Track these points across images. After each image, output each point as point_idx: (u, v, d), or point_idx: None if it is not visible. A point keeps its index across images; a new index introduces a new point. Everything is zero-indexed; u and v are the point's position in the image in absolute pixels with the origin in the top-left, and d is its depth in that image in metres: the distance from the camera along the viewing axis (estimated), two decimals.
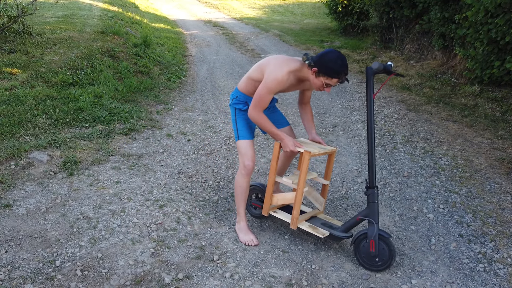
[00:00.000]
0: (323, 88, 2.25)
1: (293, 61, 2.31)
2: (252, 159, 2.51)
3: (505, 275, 2.33)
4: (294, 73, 2.30)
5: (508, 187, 3.28)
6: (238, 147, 2.55)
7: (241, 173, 2.54)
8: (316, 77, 2.23)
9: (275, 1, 18.75)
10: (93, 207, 2.81)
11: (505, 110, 4.90)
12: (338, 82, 2.22)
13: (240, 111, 2.57)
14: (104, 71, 5.49)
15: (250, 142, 2.54)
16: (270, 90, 2.28)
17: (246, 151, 2.51)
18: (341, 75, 2.18)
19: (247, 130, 2.56)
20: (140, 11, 12.24)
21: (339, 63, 2.16)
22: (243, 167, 2.51)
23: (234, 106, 2.58)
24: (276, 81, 2.26)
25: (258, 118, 2.34)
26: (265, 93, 2.29)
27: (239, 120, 2.57)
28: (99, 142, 3.80)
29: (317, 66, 2.18)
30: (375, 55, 7.98)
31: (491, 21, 4.90)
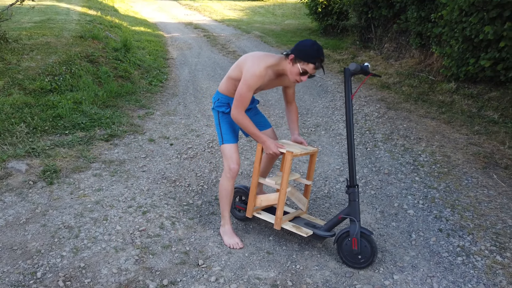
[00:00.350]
0: (300, 77, 2.25)
1: (270, 56, 2.34)
2: (237, 162, 2.52)
3: (482, 267, 2.40)
4: (272, 68, 2.32)
5: (485, 181, 3.38)
6: (223, 151, 2.55)
7: (226, 176, 2.54)
8: (293, 65, 2.23)
9: (255, 2, 18.80)
10: (75, 215, 2.77)
11: (480, 106, 5.04)
12: (314, 69, 2.23)
13: (223, 114, 2.57)
14: (83, 76, 5.42)
15: (235, 146, 2.55)
16: (249, 86, 2.29)
17: (231, 155, 2.51)
18: (317, 60, 2.19)
19: (231, 134, 2.56)
20: (119, 15, 12.11)
21: (315, 48, 2.18)
22: (228, 170, 2.51)
23: (217, 109, 2.57)
24: (255, 77, 2.27)
25: (240, 118, 2.34)
26: (245, 91, 2.29)
27: (222, 124, 2.56)
28: (79, 149, 3.75)
29: (294, 53, 2.21)
30: (355, 55, 8.09)
31: (465, 19, 5.04)
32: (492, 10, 4.64)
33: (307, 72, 2.23)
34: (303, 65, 2.21)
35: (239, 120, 2.34)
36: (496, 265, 2.40)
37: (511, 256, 2.48)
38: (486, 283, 2.26)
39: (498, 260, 2.45)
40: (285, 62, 2.28)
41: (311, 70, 2.22)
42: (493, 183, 3.35)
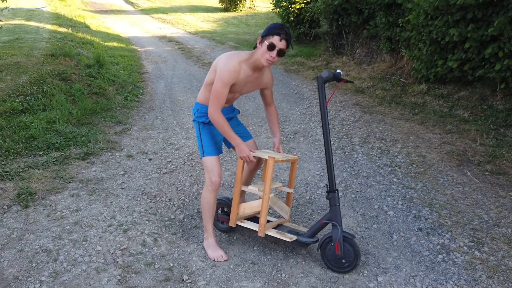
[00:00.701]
0: (269, 54, 2.23)
1: (243, 52, 2.37)
2: (219, 174, 2.50)
3: (462, 263, 2.46)
4: (246, 62, 2.34)
5: (459, 178, 3.48)
6: (204, 163, 2.52)
7: (208, 189, 2.52)
8: (261, 46, 2.26)
9: (228, 14, 18.94)
10: (53, 238, 2.69)
11: (451, 106, 5.21)
12: (280, 40, 2.21)
13: (204, 125, 2.54)
14: (56, 95, 5.30)
15: (216, 158, 2.52)
16: (224, 82, 2.28)
17: (213, 167, 2.49)
18: (280, 30, 2.21)
19: (213, 146, 2.54)
20: (91, 31, 11.96)
21: (278, 24, 2.25)
22: (210, 183, 2.49)
23: (198, 120, 2.55)
24: (229, 72, 2.27)
25: (216, 117, 2.31)
26: (220, 86, 2.28)
27: (203, 135, 2.54)
28: (55, 170, 3.66)
29: (262, 35, 2.27)
30: (328, 61, 8.24)
31: (431, 23, 5.22)
32: (455, 13, 4.83)
33: (274, 46, 2.22)
34: (268, 40, 2.23)
35: (215, 118, 2.32)
36: (475, 261, 2.47)
37: (489, 250, 2.55)
38: (467, 278, 2.32)
39: (477, 255, 2.52)
40: (257, 50, 2.31)
41: (277, 42, 2.22)
42: (467, 180, 3.45)
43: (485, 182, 3.41)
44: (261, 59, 2.28)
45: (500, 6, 4.51)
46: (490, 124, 4.58)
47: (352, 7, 7.45)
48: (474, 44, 4.75)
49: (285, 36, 2.23)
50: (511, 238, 2.66)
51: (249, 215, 2.73)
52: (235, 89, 2.40)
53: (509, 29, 4.38)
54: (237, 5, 19.19)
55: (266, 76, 2.53)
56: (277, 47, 2.23)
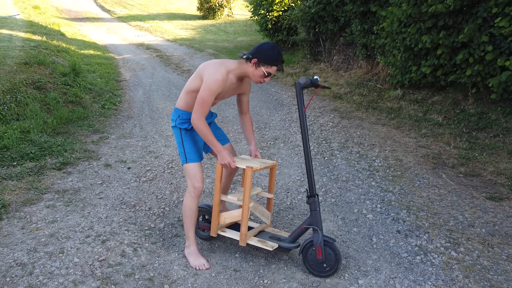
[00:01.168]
0: (263, 79, 2.34)
1: (229, 61, 2.39)
2: (202, 180, 2.50)
3: (439, 263, 2.52)
4: (233, 72, 2.36)
5: (435, 181, 3.57)
6: (186, 170, 2.50)
7: (190, 196, 2.50)
8: (256, 68, 2.31)
9: (207, 21, 18.96)
10: (27, 251, 2.61)
11: (426, 110, 5.36)
12: (276, 71, 2.34)
13: (186, 132, 2.52)
14: (30, 104, 5.17)
15: (199, 165, 2.52)
16: (211, 91, 2.29)
17: (195, 173, 2.48)
18: (279, 61, 2.30)
19: (195, 152, 2.52)
20: (66, 39, 11.74)
21: (276, 51, 2.30)
22: (193, 189, 2.48)
23: (179, 126, 2.52)
24: (217, 82, 2.29)
25: (200, 124, 2.32)
26: (207, 95, 2.29)
27: (186, 142, 2.51)
28: (29, 181, 3.56)
29: (256, 57, 2.28)
30: (306, 68, 8.35)
31: (405, 30, 5.38)
32: (427, 21, 4.99)
33: (270, 74, 2.33)
34: (266, 68, 2.30)
35: (199, 126, 2.33)
36: (452, 261, 2.53)
37: (465, 250, 2.62)
38: (444, 278, 2.38)
39: (453, 255, 2.58)
40: (246, 65, 2.34)
41: (274, 71, 2.33)
42: (442, 182, 3.55)
43: (459, 184, 3.51)
44: (253, 78, 2.36)
45: (469, 14, 4.70)
46: (463, 128, 4.73)
47: (328, 15, 7.59)
48: (446, 51, 4.92)
49: (282, 66, 2.34)
50: (486, 238, 2.74)
51: (230, 223, 2.72)
52: (218, 96, 2.41)
53: (478, 36, 4.56)
54: (216, 13, 19.25)
55: (245, 82, 2.55)
56: (272, 74, 2.35)
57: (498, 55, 4.46)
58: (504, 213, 3.04)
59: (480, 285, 2.30)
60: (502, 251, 2.60)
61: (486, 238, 2.75)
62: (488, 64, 4.59)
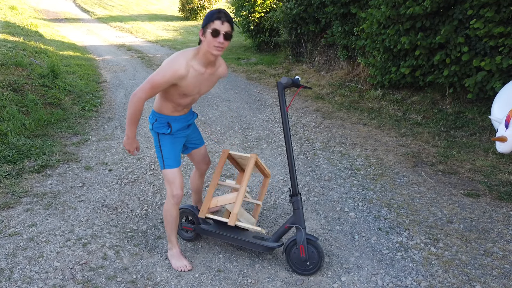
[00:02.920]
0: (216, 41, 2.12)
1: (187, 50, 2.23)
2: (181, 187, 2.43)
3: (420, 259, 2.57)
4: (196, 58, 2.21)
5: (415, 179, 3.65)
6: (165, 176, 2.43)
7: (169, 203, 2.44)
8: (205, 37, 2.13)
9: (189, 22, 18.87)
10: (5, 256, 2.54)
11: (405, 110, 5.47)
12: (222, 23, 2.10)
13: (164, 136, 2.43)
14: (7, 106, 5.04)
15: (178, 170, 2.44)
16: (164, 76, 2.14)
17: (174, 180, 2.41)
18: (218, 14, 2.10)
19: (174, 158, 2.44)
20: (45, 39, 11.48)
21: (214, 10, 2.13)
22: (171, 197, 2.42)
23: (156, 130, 2.42)
24: (172, 69, 2.13)
25: (134, 101, 2.18)
26: (158, 77, 2.14)
27: (164, 146, 2.43)
28: (7, 184, 3.47)
29: (202, 27, 2.16)
30: (289, 69, 8.41)
31: (384, 31, 5.48)
32: (406, 22, 5.10)
33: (218, 30, 2.10)
34: (209, 28, 2.11)
35: (132, 101, 2.18)
36: (431, 256, 2.59)
37: (444, 246, 2.69)
38: (424, 274, 2.43)
39: (433, 251, 2.64)
40: (201, 44, 2.19)
41: (219, 26, 2.10)
42: (422, 180, 3.63)
43: (438, 181, 3.60)
44: (210, 49, 2.15)
45: (446, 15, 4.82)
46: (441, 127, 4.84)
47: (309, 17, 7.67)
48: (424, 52, 5.04)
49: (226, 17, 2.12)
50: (464, 234, 2.82)
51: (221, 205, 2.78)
52: (192, 91, 2.29)
53: (454, 37, 4.68)
54: (197, 14, 19.18)
55: (221, 69, 2.42)
56: (221, 31, 2.11)
57: (473, 55, 4.59)
58: (481, 209, 3.13)
59: (458, 280, 2.36)
60: (480, 246, 2.67)
61: (464, 233, 2.82)
62: (464, 64, 4.72)
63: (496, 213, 3.06)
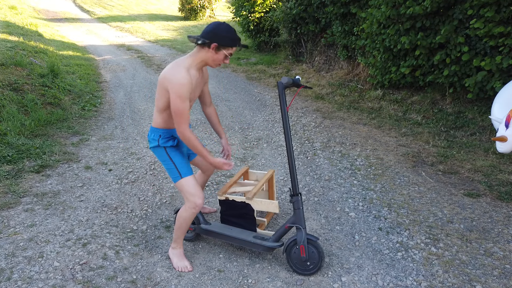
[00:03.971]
0: (224, 61, 2.25)
1: (181, 59, 2.24)
2: (202, 196, 2.40)
3: (420, 259, 2.57)
4: (194, 67, 2.24)
5: (415, 178, 3.65)
6: (183, 186, 2.38)
7: (190, 211, 2.39)
8: (216, 53, 2.19)
9: (189, 22, 18.86)
10: (5, 256, 2.54)
11: (405, 110, 5.47)
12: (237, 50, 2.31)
13: (172, 148, 2.42)
14: (6, 106, 5.04)
15: (194, 178, 2.42)
16: (183, 97, 2.15)
17: (195, 190, 2.36)
18: (239, 41, 2.22)
19: (188, 166, 2.42)
20: (44, 39, 11.48)
21: (233, 31, 2.20)
22: (194, 206, 2.37)
23: (164, 145, 2.40)
24: (183, 86, 2.14)
25: (188, 136, 2.21)
26: (181, 103, 2.16)
27: (175, 158, 2.41)
28: (6, 184, 3.46)
29: (216, 41, 2.16)
30: (289, 69, 8.40)
31: (384, 31, 5.47)
32: (406, 22, 5.10)
33: (231, 54, 2.25)
34: (228, 51, 2.20)
35: (187, 137, 2.21)
36: (431, 256, 2.59)
37: (444, 246, 2.68)
38: (425, 274, 2.43)
39: (433, 251, 2.64)
40: (204, 52, 2.21)
41: (234, 51, 2.25)
42: (422, 180, 3.62)
43: (438, 181, 3.59)
44: (211, 63, 2.24)
45: (446, 15, 4.82)
46: (441, 127, 4.84)
47: (309, 17, 7.66)
48: (424, 52, 5.03)
49: (240, 45, 2.25)
50: (464, 234, 2.82)
51: None
52: (191, 98, 2.31)
53: (454, 37, 4.68)
54: (197, 14, 19.17)
55: (206, 73, 2.47)
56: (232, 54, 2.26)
57: (474, 55, 4.59)
58: (481, 209, 3.13)
59: (459, 280, 2.36)
60: (480, 246, 2.67)
61: (465, 233, 2.82)
62: (464, 64, 4.71)
63: (496, 213, 3.06)
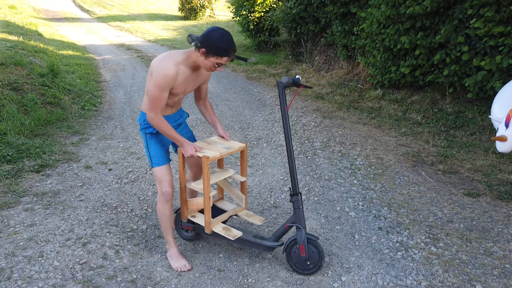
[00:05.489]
0: (215, 68, 2.18)
1: (178, 53, 2.21)
2: (170, 184, 2.42)
3: (420, 259, 2.57)
4: (184, 63, 2.20)
5: (415, 178, 3.65)
6: (154, 174, 2.45)
7: (160, 201, 2.44)
8: (205, 58, 2.13)
9: (188, 22, 18.85)
10: (5, 256, 2.54)
11: (405, 110, 5.47)
12: (228, 60, 2.15)
13: (151, 135, 2.45)
14: (6, 105, 5.03)
15: (166, 167, 2.44)
16: (160, 87, 2.13)
17: (162, 177, 2.41)
18: (230, 52, 2.11)
19: (162, 156, 2.45)
20: (44, 39, 11.47)
21: (225, 41, 2.08)
22: (161, 194, 2.42)
23: (144, 131, 2.45)
24: (164, 76, 2.12)
25: (156, 121, 2.21)
26: (158, 92, 2.15)
27: (151, 145, 2.45)
28: (6, 184, 3.46)
29: (204, 47, 2.08)
30: (289, 68, 8.40)
31: (384, 31, 5.48)
32: (406, 22, 5.10)
33: (222, 64, 2.16)
34: (216, 59, 2.12)
35: (155, 123, 2.22)
36: (431, 256, 2.59)
37: (444, 246, 2.68)
38: (425, 273, 2.43)
39: (433, 251, 2.64)
40: (196, 54, 2.16)
41: (225, 62, 2.15)
42: (422, 179, 3.63)
43: (438, 181, 3.60)
44: (203, 67, 2.19)
45: (446, 15, 4.82)
46: (441, 126, 4.84)
47: (309, 16, 7.66)
48: (424, 51, 5.04)
49: (233, 55, 2.15)
50: (464, 233, 2.82)
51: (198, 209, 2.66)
52: (178, 91, 2.30)
53: (454, 36, 4.68)
54: (197, 13, 19.16)
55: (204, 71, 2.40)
56: (223, 64, 2.18)
57: (473, 55, 4.59)
58: (481, 208, 3.13)
59: (459, 279, 2.36)
60: (480, 246, 2.67)
61: (465, 233, 2.82)
62: (464, 64, 4.71)
63: (496, 212, 3.06)
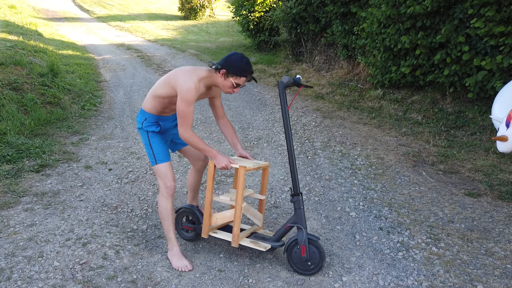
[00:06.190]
0: (233, 89, 2.34)
1: (199, 69, 2.36)
2: (173, 179, 2.52)
3: (421, 259, 2.56)
4: (203, 81, 2.34)
5: (415, 178, 3.64)
6: (157, 171, 2.53)
7: (163, 196, 2.50)
8: (225, 79, 2.30)
9: (188, 22, 18.84)
10: (5, 256, 2.53)
11: (405, 110, 5.46)
12: (246, 81, 2.34)
13: (153, 134, 2.53)
14: (6, 105, 5.02)
15: (169, 164, 2.54)
16: (189, 102, 2.27)
17: (167, 172, 2.50)
18: (247, 73, 2.30)
19: (165, 153, 2.54)
20: (44, 39, 11.46)
21: (244, 62, 2.28)
22: (164, 188, 2.49)
23: (146, 129, 2.52)
24: (191, 91, 2.26)
25: (188, 136, 2.33)
26: (185, 107, 2.27)
27: (154, 143, 2.53)
28: (6, 184, 3.45)
29: (225, 68, 2.27)
30: (289, 68, 8.39)
31: (384, 31, 5.47)
32: (406, 22, 5.09)
33: (240, 85, 2.33)
34: (235, 79, 2.29)
35: (188, 138, 2.33)
36: (432, 256, 2.58)
37: (445, 246, 2.68)
38: (426, 274, 2.42)
39: (434, 251, 2.63)
40: (216, 75, 2.33)
41: (243, 82, 2.33)
42: (423, 179, 3.62)
43: (439, 181, 3.59)
44: (222, 88, 2.35)
45: (446, 15, 4.81)
46: (441, 126, 4.84)
47: (309, 16, 7.65)
48: (424, 51, 5.03)
49: (251, 77, 2.33)
50: (465, 233, 2.81)
51: (221, 225, 2.69)
52: None
53: (454, 36, 4.68)
54: (197, 13, 19.15)
55: (215, 88, 2.55)
56: (242, 85, 2.34)
57: (474, 55, 4.58)
58: (482, 208, 3.12)
59: (460, 279, 2.36)
60: (481, 246, 2.67)
61: (466, 233, 2.81)
62: (465, 64, 4.71)
63: (497, 212, 3.06)
